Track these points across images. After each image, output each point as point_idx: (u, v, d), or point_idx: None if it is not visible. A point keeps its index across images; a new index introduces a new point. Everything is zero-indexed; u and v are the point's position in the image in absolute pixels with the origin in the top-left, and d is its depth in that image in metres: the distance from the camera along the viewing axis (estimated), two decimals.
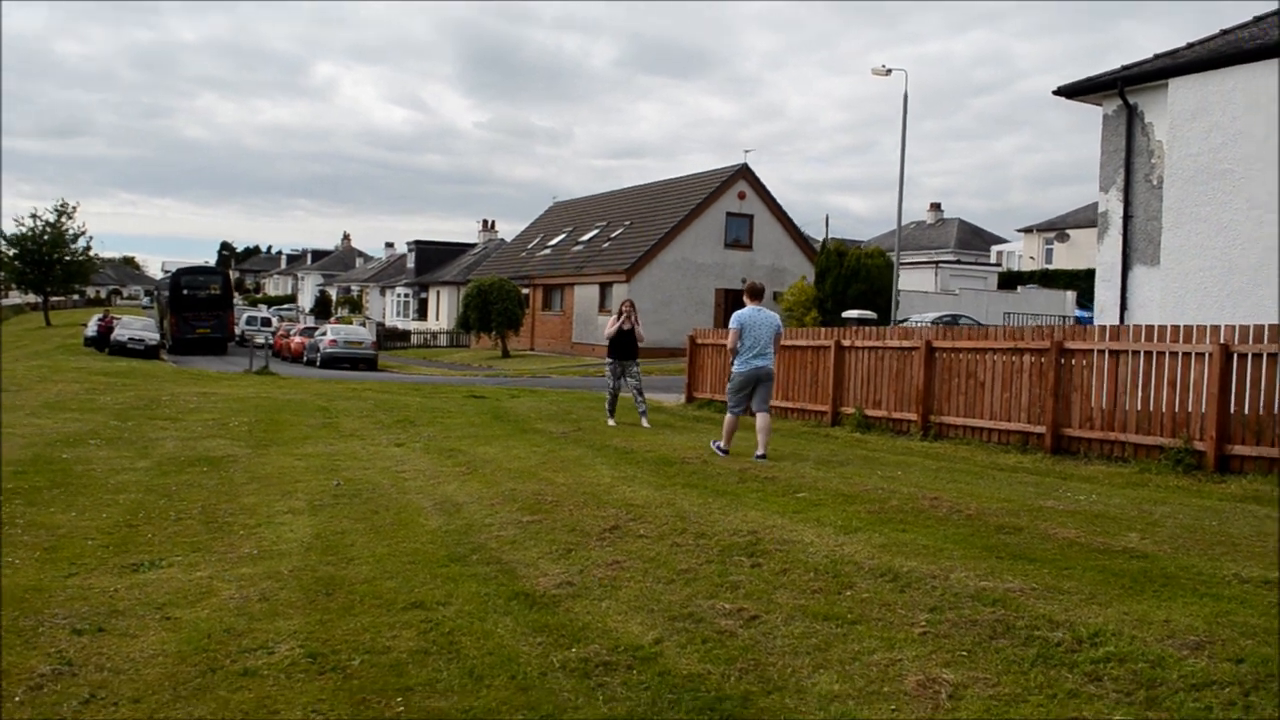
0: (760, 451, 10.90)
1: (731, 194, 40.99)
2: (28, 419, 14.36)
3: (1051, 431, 11.55)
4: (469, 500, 8.88)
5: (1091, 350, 11.32)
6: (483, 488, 9.48)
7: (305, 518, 8.42)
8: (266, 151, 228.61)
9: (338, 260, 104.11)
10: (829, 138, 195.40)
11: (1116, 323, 14.88)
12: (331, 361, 36.58)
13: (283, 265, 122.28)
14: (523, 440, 12.92)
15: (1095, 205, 48.66)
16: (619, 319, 14.33)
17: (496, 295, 40.91)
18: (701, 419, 16.07)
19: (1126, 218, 15.65)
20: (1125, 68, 15.88)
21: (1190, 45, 15.84)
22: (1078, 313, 42.62)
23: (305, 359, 38.43)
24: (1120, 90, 15.50)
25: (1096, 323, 15.28)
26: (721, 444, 11.23)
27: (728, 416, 11.29)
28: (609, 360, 14.60)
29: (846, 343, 14.52)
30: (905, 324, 33.24)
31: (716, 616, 5.37)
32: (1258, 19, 15.82)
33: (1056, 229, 55.90)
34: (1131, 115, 15.58)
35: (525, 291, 44.47)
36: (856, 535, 7.04)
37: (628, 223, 44.16)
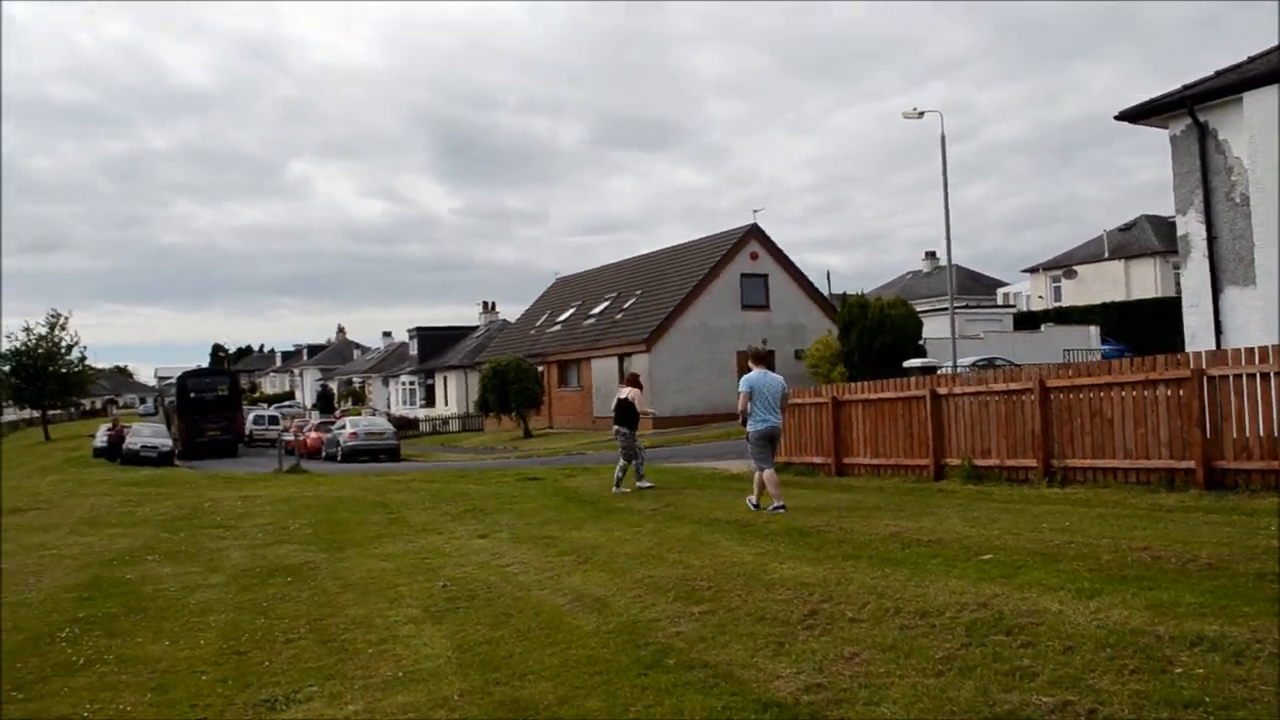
0: (779, 503, 11.42)
1: (744, 255, 40.33)
2: (70, 538, 13.26)
3: (1203, 466, 10.59)
4: (608, 594, 7.83)
5: (1241, 375, 10.40)
6: (612, 578, 8.44)
7: (430, 627, 7.37)
8: (246, 253, 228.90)
9: (334, 354, 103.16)
10: (799, 198, 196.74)
11: (1213, 348, 14.02)
12: (354, 454, 35.44)
13: (278, 363, 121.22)
14: (614, 521, 11.91)
15: (1100, 240, 48.12)
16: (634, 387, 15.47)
17: (514, 375, 39.94)
18: (789, 483, 15.01)
19: (1211, 239, 14.85)
20: (1188, 86, 15.23)
21: (1252, 59, 15.22)
22: (1103, 347, 41.88)
23: (324, 454, 37.25)
24: (1190, 109, 14.83)
25: (1189, 350, 14.41)
26: (777, 502, 11.46)
27: (767, 473, 11.69)
28: (614, 428, 15.54)
29: (943, 390, 13.60)
30: (942, 370, 32.38)
31: (1043, 715, 4.35)
32: None
33: (1063, 266, 55.43)
34: (1204, 134, 14.88)
35: (540, 369, 43.50)
36: (1103, 599, 6.07)
37: (639, 292, 43.41)
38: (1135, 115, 15.39)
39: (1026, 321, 47.86)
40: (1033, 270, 57.45)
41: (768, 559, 8.55)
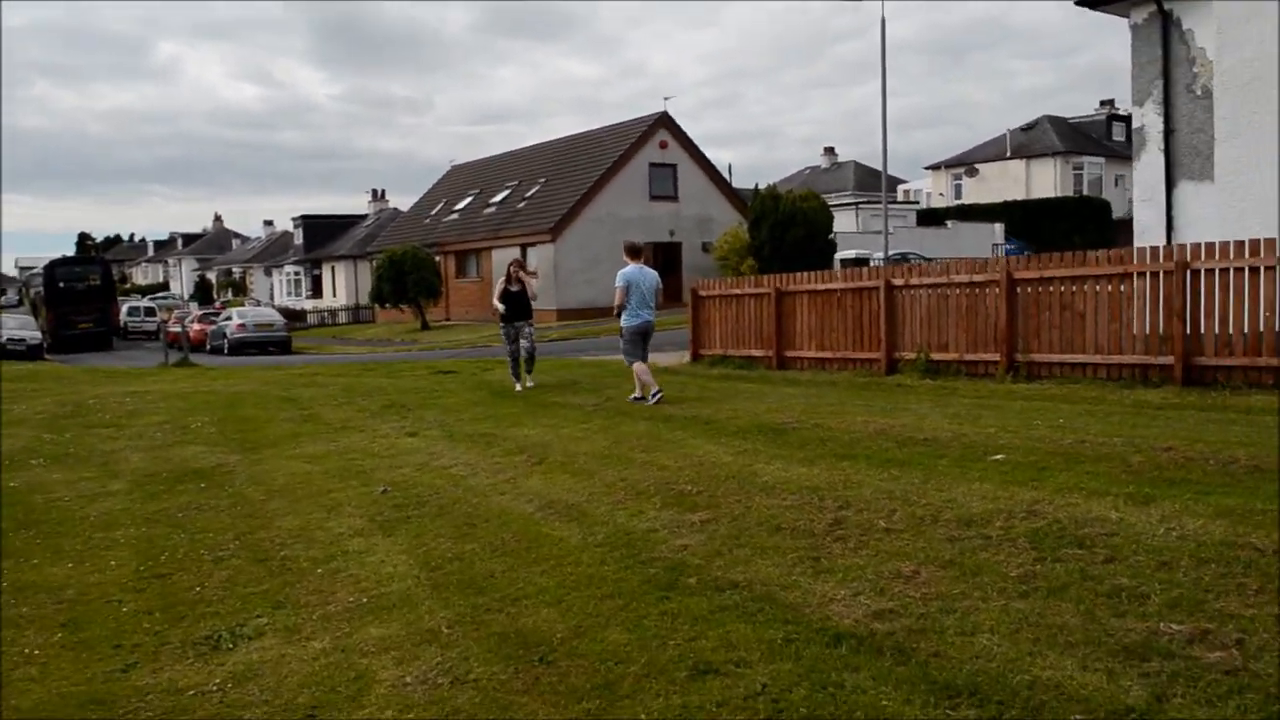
0: (637, 394, 11.62)
1: (653, 144, 39.00)
2: None
3: (1182, 362, 10.14)
4: (581, 499, 6.96)
5: (1229, 269, 9.91)
6: (578, 481, 7.56)
7: (382, 540, 6.42)
8: (113, 138, 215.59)
9: (211, 243, 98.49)
10: (694, 93, 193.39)
11: (1163, 243, 13.62)
12: (241, 347, 33.58)
13: (150, 252, 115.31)
14: (555, 416, 11.00)
15: (1003, 139, 48.37)
16: (505, 280, 13.90)
17: (412, 264, 38.18)
18: (730, 376, 14.31)
19: (1168, 132, 14.34)
20: None
21: None
22: (1006, 245, 42.19)
23: (209, 346, 35.20)
24: None
25: (1137, 245, 14.01)
26: (638, 394, 11.60)
27: (638, 365, 11.64)
28: (501, 325, 14.12)
29: (899, 281, 12.90)
30: (873, 263, 32.00)
31: (1183, 644, 3.65)
32: None
33: (965, 164, 55.62)
34: (1167, 23, 14.24)
35: (437, 259, 41.78)
36: (1162, 505, 5.45)
37: (543, 180, 41.79)
38: (1095, 1, 14.66)
39: (929, 218, 47.97)
40: (934, 168, 57.54)
41: (748, 459, 7.77)
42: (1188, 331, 10.18)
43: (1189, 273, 10.18)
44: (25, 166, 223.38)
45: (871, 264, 27.25)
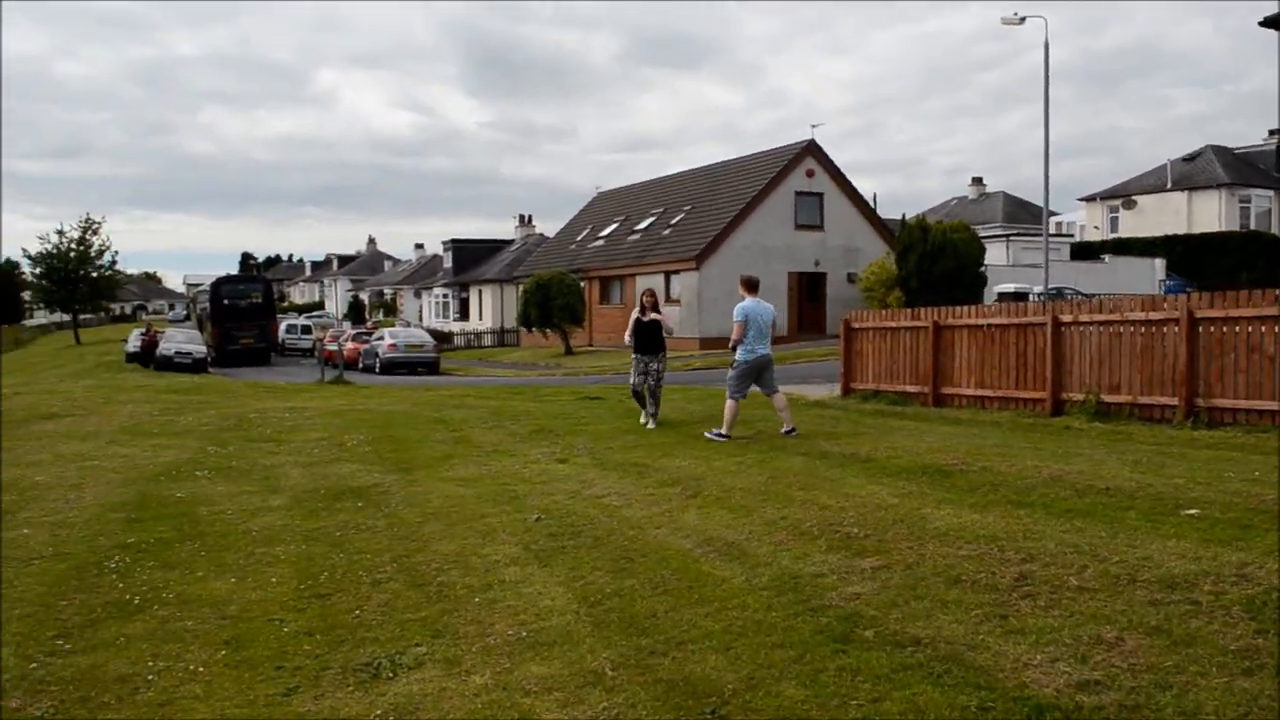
0: (789, 427, 11.46)
1: (799, 172, 38.59)
2: (110, 448, 12.26)
3: None
4: (741, 538, 6.71)
5: None
6: (736, 518, 7.31)
7: (538, 570, 6.28)
8: (274, 162, 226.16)
9: (364, 265, 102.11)
10: (835, 121, 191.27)
11: None
12: (392, 366, 34.42)
13: (307, 272, 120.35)
14: (706, 449, 10.79)
15: (1163, 170, 46.00)
16: (639, 311, 13.14)
17: (558, 290, 38.62)
18: (884, 412, 13.84)
19: None
20: None
21: None
22: (1168, 282, 40.22)
23: (361, 365, 36.25)
24: None
25: None
26: (723, 430, 11.40)
27: (730, 403, 11.57)
28: (633, 355, 13.25)
29: (1067, 318, 12.27)
30: (1032, 297, 30.95)
31: None
32: None
33: (1121, 196, 53.33)
34: None
35: (581, 285, 42.21)
36: None
37: (687, 208, 41.81)
38: None
39: (1083, 252, 46.12)
40: (1089, 199, 55.36)
41: (915, 501, 7.41)
42: None
43: None
44: (193, 189, 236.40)
45: (1031, 298, 26.21)
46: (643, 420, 13.12)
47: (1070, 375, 12.27)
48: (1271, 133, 56.23)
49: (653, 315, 13.02)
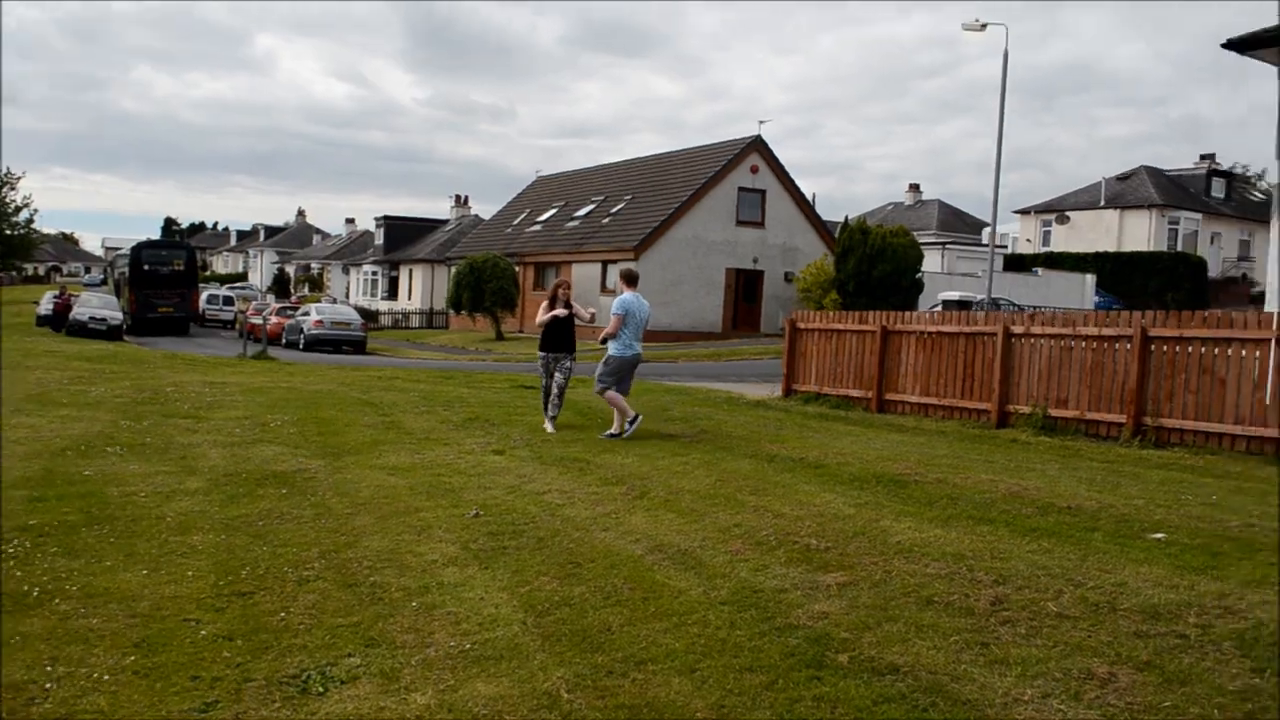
0: (615, 430, 10.95)
1: (744, 167, 38.38)
2: (15, 418, 11.50)
3: None
4: (693, 545, 6.35)
5: None
6: (686, 522, 6.97)
7: (479, 572, 5.87)
8: (205, 126, 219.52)
9: (292, 237, 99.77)
10: (776, 120, 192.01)
11: None
12: (317, 343, 33.49)
13: (233, 242, 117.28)
14: (650, 446, 10.42)
15: (1097, 187, 46.90)
16: (550, 303, 11.75)
17: (491, 273, 37.95)
18: (828, 416, 13.60)
19: None
20: None
21: None
22: (1096, 298, 40.87)
23: (285, 341, 35.21)
24: None
25: (1272, 308, 13.10)
26: (628, 422, 10.92)
27: (610, 394, 11.10)
28: (540, 353, 11.90)
29: (1018, 329, 12.13)
30: (937, 308, 31.15)
31: None
32: None
33: (1055, 210, 54.18)
34: None
35: (516, 270, 41.55)
36: None
37: (629, 197, 41.36)
38: (1247, 44, 13.78)
39: (1016, 264, 46.68)
40: (1024, 212, 56.16)
41: (873, 512, 7.14)
42: None
43: None
44: (118, 148, 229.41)
45: (973, 308, 26.32)
46: (547, 428, 11.60)
47: (1018, 388, 12.15)
48: (1203, 157, 57.68)
49: (567, 309, 11.72)
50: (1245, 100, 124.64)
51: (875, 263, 33.61)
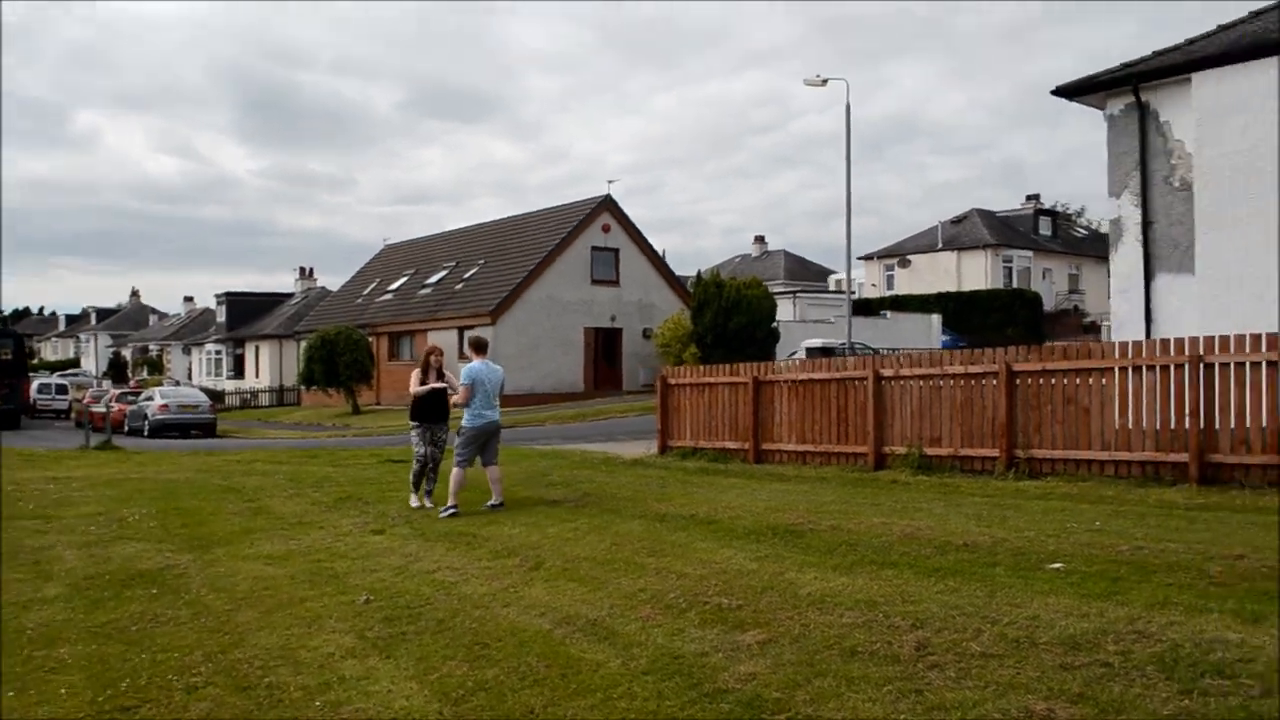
0: (496, 500, 10.80)
1: (595, 227, 38.64)
2: None
3: (1197, 460, 9.75)
4: (601, 614, 6.18)
5: (1245, 363, 9.60)
6: (591, 592, 6.79)
7: (380, 663, 5.56)
8: (23, 207, 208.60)
9: (127, 318, 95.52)
10: (620, 179, 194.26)
11: (1142, 337, 13.42)
12: (163, 429, 31.94)
13: (61, 326, 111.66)
14: (535, 514, 10.23)
15: (934, 231, 49.16)
16: (424, 372, 11.34)
17: (345, 346, 37.02)
18: (708, 470, 13.60)
19: (1146, 224, 14.25)
20: (1130, 64, 14.60)
21: (1193, 41, 14.71)
22: (943, 337, 42.52)
23: (128, 428, 33.41)
24: (1134, 88, 14.15)
25: (1115, 338, 13.82)
26: (452, 504, 10.54)
27: (456, 471, 10.71)
28: (415, 425, 11.31)
29: (888, 372, 12.42)
30: (797, 355, 31.85)
31: None
32: (1255, 14, 14.85)
33: (896, 255, 56.38)
34: (1144, 114, 14.24)
35: (369, 340, 40.65)
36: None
37: (481, 261, 41.07)
38: (1073, 91, 14.66)
39: (864, 308, 48.25)
40: (867, 258, 58.21)
41: (775, 565, 7.10)
42: (1202, 427, 9.81)
43: (1201, 366, 9.84)
44: None
45: (836, 354, 26.99)
46: (415, 502, 11.19)
47: (892, 429, 12.41)
48: (1029, 198, 61.09)
49: (440, 378, 11.31)
50: (1061, 143, 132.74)
51: (731, 315, 34.25)
